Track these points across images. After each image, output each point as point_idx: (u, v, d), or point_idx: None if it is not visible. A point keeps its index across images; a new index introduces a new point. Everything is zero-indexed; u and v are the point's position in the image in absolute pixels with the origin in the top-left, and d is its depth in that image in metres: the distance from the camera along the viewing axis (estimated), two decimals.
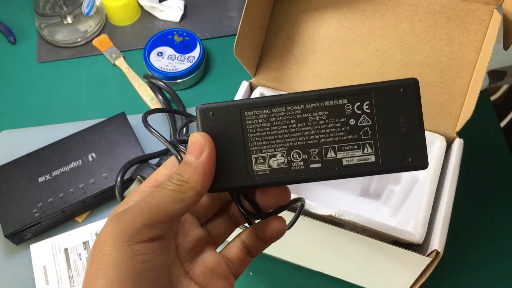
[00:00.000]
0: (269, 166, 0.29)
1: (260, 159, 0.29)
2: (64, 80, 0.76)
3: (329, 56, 0.57)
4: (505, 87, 1.00)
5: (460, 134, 0.53)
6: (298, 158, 0.29)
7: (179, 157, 0.30)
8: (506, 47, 0.51)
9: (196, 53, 0.74)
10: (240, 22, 0.51)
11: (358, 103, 0.28)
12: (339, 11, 0.56)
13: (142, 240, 0.26)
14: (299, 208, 0.35)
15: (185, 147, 0.30)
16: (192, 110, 0.71)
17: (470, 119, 0.50)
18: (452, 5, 0.53)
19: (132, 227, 0.26)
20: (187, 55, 0.73)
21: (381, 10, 0.55)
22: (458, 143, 0.53)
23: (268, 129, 0.29)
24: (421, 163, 0.28)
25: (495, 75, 0.83)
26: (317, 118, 0.28)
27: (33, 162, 0.63)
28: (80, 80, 0.76)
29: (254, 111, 0.29)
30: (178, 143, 0.31)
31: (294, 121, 0.29)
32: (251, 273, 0.60)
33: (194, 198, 0.28)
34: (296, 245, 0.53)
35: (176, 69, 0.72)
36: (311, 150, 0.29)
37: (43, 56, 0.78)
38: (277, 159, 0.29)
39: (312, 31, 0.57)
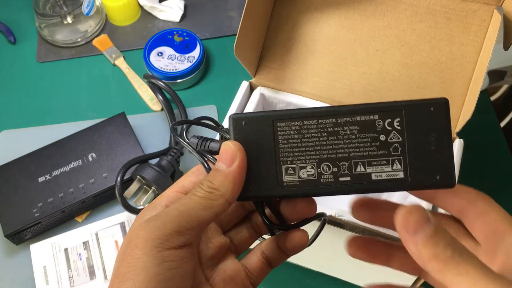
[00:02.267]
0: (299, 177, 0.29)
1: (290, 170, 0.29)
2: (64, 80, 0.76)
3: (329, 56, 0.57)
4: (505, 87, 1.00)
5: (460, 134, 0.53)
6: (328, 170, 0.29)
7: (206, 165, 0.31)
8: (506, 48, 0.51)
9: (196, 53, 0.74)
10: (240, 22, 0.51)
11: (389, 120, 0.28)
12: (339, 11, 0.56)
13: (171, 246, 0.26)
14: (321, 223, 0.35)
15: (213, 157, 0.31)
16: (192, 110, 0.71)
17: (470, 119, 0.50)
18: (452, 5, 0.53)
19: (162, 233, 0.26)
20: (187, 55, 0.73)
21: (381, 10, 0.55)
22: (458, 143, 0.53)
23: (299, 140, 0.29)
24: (449, 182, 0.28)
25: (495, 75, 0.83)
26: (348, 132, 0.29)
27: (33, 162, 0.63)
28: (80, 80, 0.76)
29: (287, 123, 0.29)
30: (205, 153, 0.31)
31: (325, 134, 0.29)
32: None
33: (223, 206, 0.28)
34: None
35: (176, 69, 0.72)
36: (341, 163, 0.29)
37: (43, 56, 0.78)
38: (307, 171, 0.29)
39: (312, 31, 0.57)
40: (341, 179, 0.29)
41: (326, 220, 0.34)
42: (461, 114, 0.53)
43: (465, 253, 0.25)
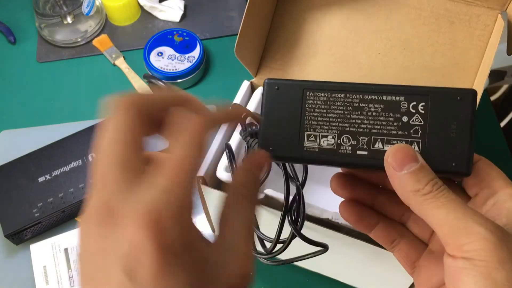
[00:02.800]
0: (319, 145, 0.30)
1: (312, 137, 0.30)
2: (64, 80, 0.76)
3: (331, 58, 0.57)
4: (505, 87, 1.00)
5: None
6: (347, 142, 0.30)
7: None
8: (509, 53, 0.51)
9: (196, 53, 0.74)
10: (242, 22, 0.51)
11: (414, 103, 0.29)
12: (342, 12, 0.56)
13: None
14: (316, 252, 0.35)
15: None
16: None
17: None
18: (456, 9, 0.53)
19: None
20: (187, 55, 0.73)
21: (384, 13, 0.55)
22: None
23: (325, 111, 0.30)
24: (464, 170, 0.29)
25: (495, 75, 0.83)
26: (372, 109, 0.30)
27: (33, 162, 0.63)
28: (80, 80, 0.76)
29: (316, 93, 0.31)
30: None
31: (350, 108, 0.30)
32: (251, 273, 0.60)
33: None
34: (296, 247, 0.53)
35: (176, 69, 0.72)
36: (361, 138, 0.30)
37: (43, 56, 0.78)
38: (328, 140, 0.30)
39: (314, 32, 0.57)
40: (358, 152, 0.30)
41: (320, 253, 0.35)
42: None
43: (444, 190, 0.27)
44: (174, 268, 0.21)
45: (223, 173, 0.52)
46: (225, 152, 0.52)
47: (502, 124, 0.95)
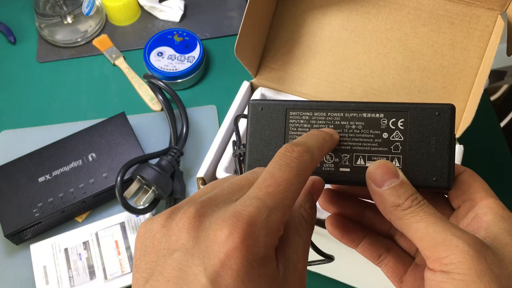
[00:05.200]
0: None
1: None
2: (64, 80, 0.76)
3: (331, 58, 0.56)
4: (505, 87, 1.00)
5: (460, 136, 0.53)
6: (330, 160, 0.30)
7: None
8: (509, 53, 0.51)
9: (196, 53, 0.74)
10: (242, 22, 0.51)
11: (394, 119, 0.30)
12: (342, 13, 0.56)
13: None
14: (321, 260, 0.35)
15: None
16: (192, 110, 0.71)
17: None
18: (456, 10, 0.53)
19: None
20: (187, 55, 0.73)
21: (384, 13, 0.55)
22: (458, 149, 0.53)
23: (307, 129, 0.31)
24: (445, 185, 0.29)
25: (495, 75, 0.83)
26: (353, 127, 0.30)
27: (33, 162, 0.63)
28: (80, 80, 0.76)
29: (298, 112, 0.31)
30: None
31: (332, 126, 0.31)
32: None
33: None
34: None
35: (176, 69, 0.72)
36: (343, 155, 0.30)
37: (43, 56, 0.78)
38: None
39: (314, 32, 0.57)
40: (341, 169, 0.30)
41: (326, 262, 0.35)
42: (462, 121, 0.53)
43: (424, 205, 0.27)
44: (256, 278, 0.22)
45: (223, 174, 0.52)
46: (232, 147, 0.52)
47: (502, 124, 0.95)
